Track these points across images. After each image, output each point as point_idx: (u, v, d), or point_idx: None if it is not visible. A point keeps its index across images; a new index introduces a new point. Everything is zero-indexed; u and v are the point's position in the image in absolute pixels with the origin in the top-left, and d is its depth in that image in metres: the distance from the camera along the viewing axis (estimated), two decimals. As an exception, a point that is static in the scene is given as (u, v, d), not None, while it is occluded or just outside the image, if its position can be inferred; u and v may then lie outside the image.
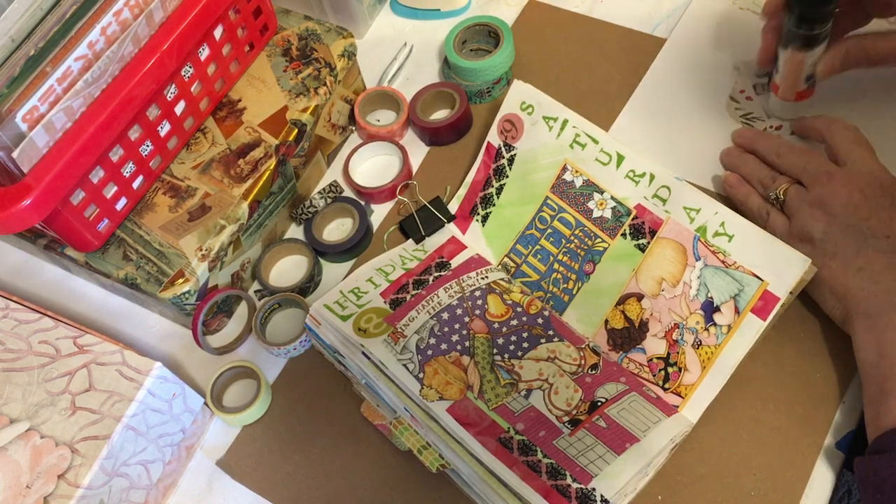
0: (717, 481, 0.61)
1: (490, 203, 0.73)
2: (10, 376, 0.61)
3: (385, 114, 0.82)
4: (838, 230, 0.62)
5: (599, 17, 0.84)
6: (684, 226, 0.64)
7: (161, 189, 0.70)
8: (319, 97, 0.74)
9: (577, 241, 0.69)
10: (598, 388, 0.63)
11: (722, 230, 0.62)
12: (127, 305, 0.76)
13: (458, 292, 0.68)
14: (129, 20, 0.63)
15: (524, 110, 0.72)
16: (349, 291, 0.69)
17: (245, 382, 0.71)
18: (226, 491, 0.66)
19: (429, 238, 0.74)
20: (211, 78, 0.71)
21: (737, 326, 0.61)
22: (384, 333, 0.65)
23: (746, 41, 0.79)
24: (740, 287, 0.61)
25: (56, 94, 0.60)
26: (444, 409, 0.61)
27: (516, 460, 0.59)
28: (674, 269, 0.64)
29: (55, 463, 0.57)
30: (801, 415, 0.63)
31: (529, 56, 0.83)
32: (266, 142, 0.71)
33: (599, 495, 0.57)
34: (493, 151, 0.74)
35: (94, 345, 0.62)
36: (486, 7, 0.87)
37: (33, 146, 0.59)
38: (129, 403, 0.60)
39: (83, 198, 0.64)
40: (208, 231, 0.68)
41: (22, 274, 0.79)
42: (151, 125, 0.67)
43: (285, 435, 0.68)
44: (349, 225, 0.76)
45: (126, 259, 0.68)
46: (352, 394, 0.68)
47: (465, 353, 0.65)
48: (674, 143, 0.75)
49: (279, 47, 0.77)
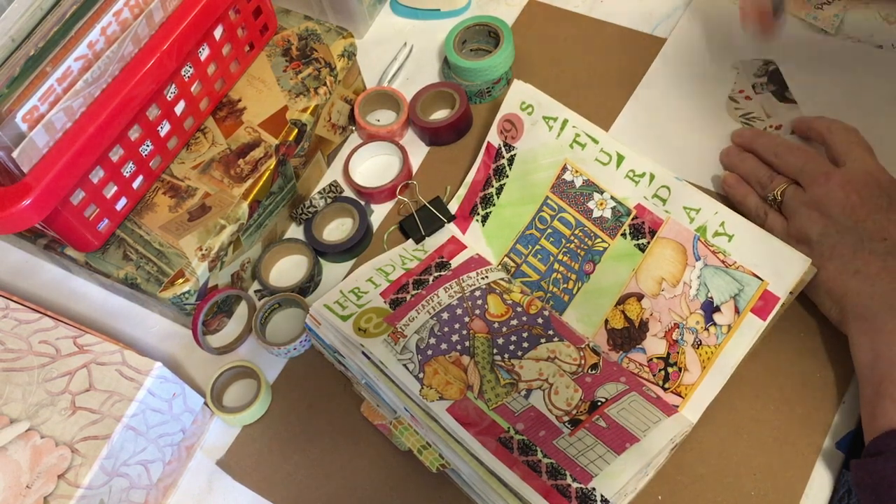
0: (717, 481, 0.61)
1: (490, 203, 0.73)
2: (10, 376, 0.61)
3: (385, 114, 0.82)
4: (835, 232, 0.62)
5: (599, 16, 0.84)
6: (684, 226, 0.64)
7: (161, 189, 0.70)
8: (319, 97, 0.74)
9: (577, 241, 0.69)
10: (598, 387, 0.63)
11: (722, 230, 0.62)
12: (127, 305, 0.76)
13: (458, 292, 0.68)
14: (129, 20, 0.63)
15: (524, 110, 0.72)
16: (349, 291, 0.69)
17: (245, 382, 0.71)
18: (226, 491, 0.66)
19: (429, 238, 0.74)
20: (211, 78, 0.71)
21: (737, 326, 0.61)
22: (384, 333, 0.65)
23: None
24: (740, 287, 0.61)
25: (56, 94, 0.60)
26: (444, 408, 0.61)
27: (516, 460, 0.59)
28: (674, 269, 0.64)
29: (55, 463, 0.57)
30: (801, 415, 0.63)
31: (529, 56, 0.83)
32: (266, 142, 0.71)
33: (599, 495, 0.57)
34: (493, 151, 0.74)
35: (94, 345, 0.62)
36: (486, 7, 0.87)
37: (33, 146, 0.59)
38: (129, 403, 0.60)
39: (83, 198, 0.64)
40: (208, 231, 0.68)
41: (22, 274, 0.79)
42: (151, 125, 0.67)
43: (285, 435, 0.68)
44: (349, 225, 0.76)
45: (126, 259, 0.68)
46: (352, 394, 0.68)
47: (465, 353, 0.65)
48: (674, 143, 0.75)
49: (279, 47, 0.77)
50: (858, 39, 0.78)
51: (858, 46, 0.78)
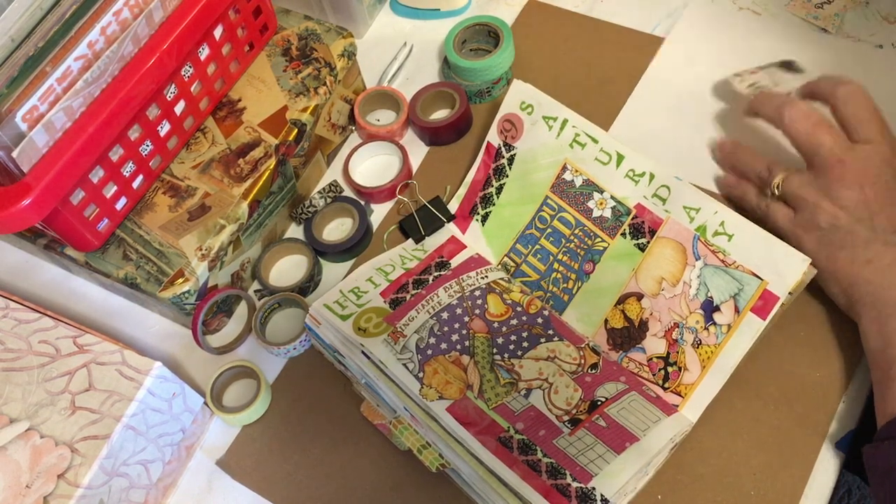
0: (717, 481, 0.61)
1: (490, 203, 0.73)
2: (9, 376, 0.61)
3: (385, 114, 0.82)
4: (846, 222, 0.62)
5: (599, 16, 0.84)
6: (684, 225, 0.64)
7: (161, 189, 0.70)
8: (319, 97, 0.74)
9: (576, 241, 0.69)
10: (598, 387, 0.63)
11: (721, 229, 0.62)
12: (127, 305, 0.76)
13: (457, 292, 0.68)
14: (128, 20, 0.63)
15: (524, 110, 0.72)
16: (349, 291, 0.69)
17: (245, 382, 0.71)
18: (226, 491, 0.66)
19: (429, 238, 0.74)
20: (211, 78, 0.71)
21: (736, 326, 0.61)
22: (384, 333, 0.65)
23: (746, 41, 0.79)
24: (740, 286, 0.61)
25: (56, 93, 0.60)
26: (444, 408, 0.61)
27: (516, 460, 0.59)
28: (673, 269, 0.64)
29: (55, 462, 0.57)
30: (801, 415, 0.63)
31: (529, 56, 0.82)
32: (266, 141, 0.71)
33: (599, 494, 0.57)
34: (492, 151, 0.74)
35: (93, 344, 0.62)
36: (486, 7, 0.87)
37: (33, 146, 0.59)
38: (129, 403, 0.60)
39: (83, 197, 0.64)
40: (208, 231, 0.68)
41: (22, 274, 0.79)
42: (151, 125, 0.67)
43: (285, 435, 0.68)
44: (349, 225, 0.76)
45: (126, 259, 0.68)
46: (352, 394, 0.68)
47: (465, 353, 0.65)
48: (674, 143, 0.75)
49: (279, 47, 0.77)
50: (858, 39, 0.78)
51: (858, 46, 0.78)
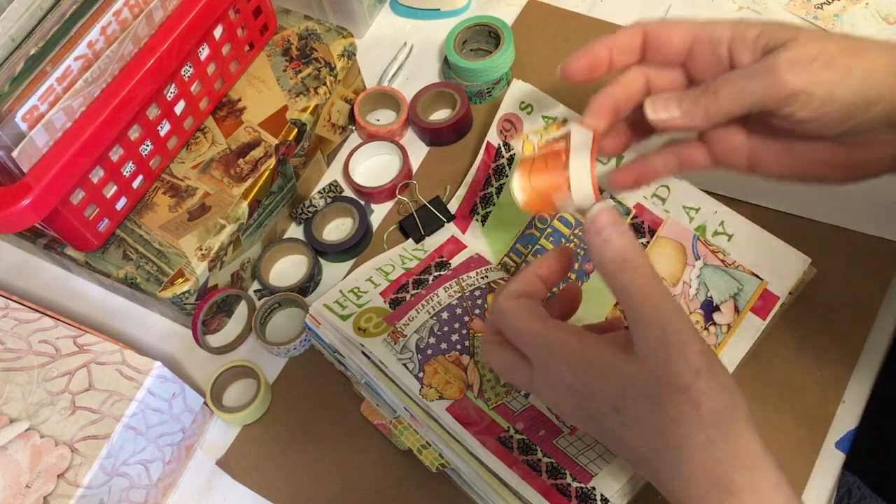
0: (716, 481, 0.61)
1: (490, 202, 0.73)
2: (9, 376, 0.61)
3: (385, 113, 0.82)
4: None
5: (599, 16, 0.84)
6: (684, 225, 0.64)
7: (161, 189, 0.71)
8: (319, 97, 0.74)
9: (576, 241, 0.69)
10: (598, 387, 0.63)
11: (721, 229, 0.62)
12: (127, 305, 0.76)
13: (457, 292, 0.68)
14: (128, 20, 0.63)
15: (523, 110, 0.72)
16: (349, 291, 0.69)
17: (245, 382, 0.71)
18: (226, 490, 0.66)
19: (429, 238, 0.74)
20: (211, 77, 0.72)
21: (736, 326, 0.61)
22: (384, 333, 0.65)
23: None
24: (740, 286, 0.61)
25: (56, 93, 0.60)
26: (444, 408, 0.61)
27: (516, 459, 0.59)
28: (673, 269, 0.64)
29: (55, 462, 0.57)
30: (801, 415, 0.63)
31: (529, 56, 0.82)
32: (266, 141, 0.71)
33: (599, 494, 0.57)
34: (492, 151, 0.74)
35: (93, 344, 0.62)
36: (486, 7, 0.87)
37: (33, 146, 0.59)
38: (129, 403, 0.60)
39: (83, 197, 0.64)
40: (208, 230, 0.68)
41: (22, 274, 0.79)
42: (151, 125, 0.67)
43: (285, 435, 0.68)
44: (349, 225, 0.76)
45: (126, 258, 0.68)
46: (352, 394, 0.68)
47: (465, 353, 0.65)
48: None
49: (279, 47, 0.77)
50: (858, 39, 0.78)
51: (858, 46, 0.78)
